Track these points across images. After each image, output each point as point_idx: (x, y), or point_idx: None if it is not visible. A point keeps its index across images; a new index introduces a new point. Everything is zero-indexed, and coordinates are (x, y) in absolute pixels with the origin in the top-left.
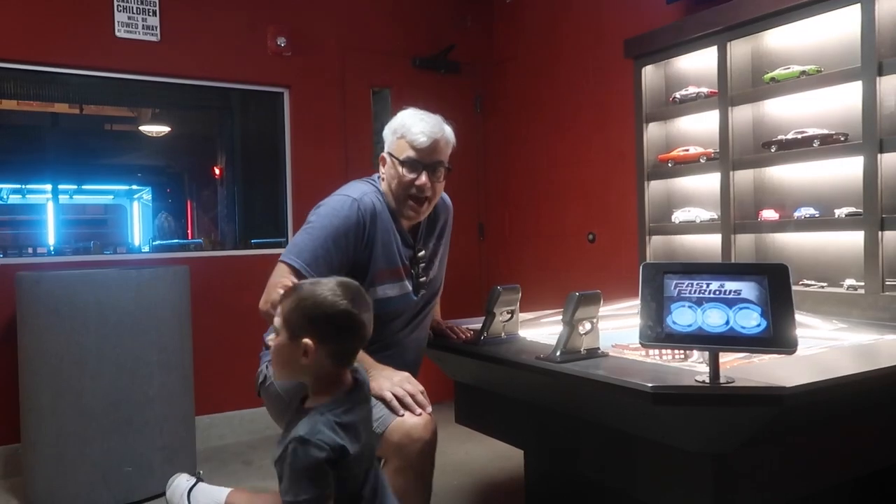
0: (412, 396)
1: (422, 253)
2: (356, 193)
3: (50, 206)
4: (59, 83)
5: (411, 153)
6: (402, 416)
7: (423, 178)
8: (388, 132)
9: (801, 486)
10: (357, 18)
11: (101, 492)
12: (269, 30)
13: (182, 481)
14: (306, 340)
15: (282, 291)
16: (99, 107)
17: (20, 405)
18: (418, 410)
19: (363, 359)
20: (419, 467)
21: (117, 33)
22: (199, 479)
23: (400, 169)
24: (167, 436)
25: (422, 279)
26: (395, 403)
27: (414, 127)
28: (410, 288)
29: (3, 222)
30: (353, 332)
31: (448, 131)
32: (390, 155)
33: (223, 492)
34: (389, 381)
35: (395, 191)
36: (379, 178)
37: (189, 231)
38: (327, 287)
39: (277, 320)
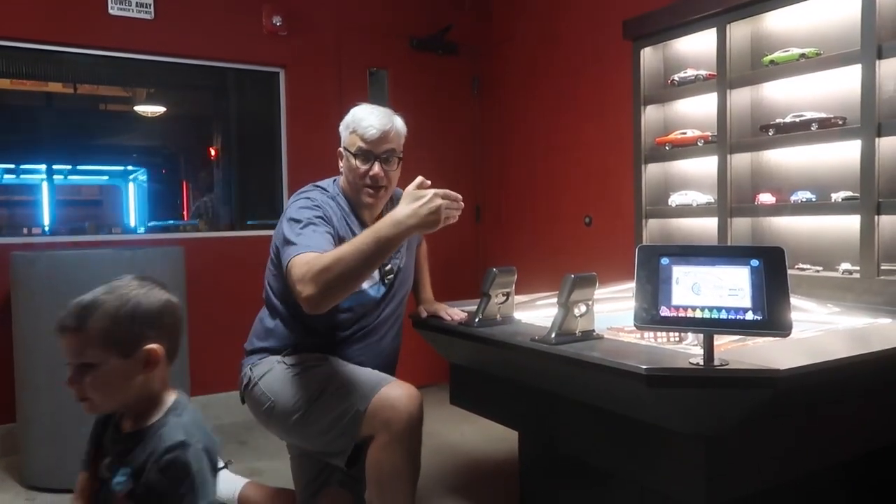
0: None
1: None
2: (316, 197)
3: (45, 187)
4: (52, 61)
5: (362, 145)
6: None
7: (376, 168)
8: (342, 128)
9: (794, 468)
10: None
11: None
12: (265, 8)
13: None
14: (149, 347)
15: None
16: (93, 87)
17: (15, 385)
18: (405, 397)
19: (379, 231)
20: (407, 442)
21: (110, 10)
22: (225, 466)
23: (353, 161)
24: None
25: (386, 267)
26: (449, 211)
27: (363, 121)
28: (378, 278)
29: None
30: (180, 322)
31: (398, 122)
32: (345, 149)
33: (239, 483)
34: (423, 206)
35: (352, 182)
36: (336, 178)
37: (185, 212)
38: (129, 285)
39: (90, 352)
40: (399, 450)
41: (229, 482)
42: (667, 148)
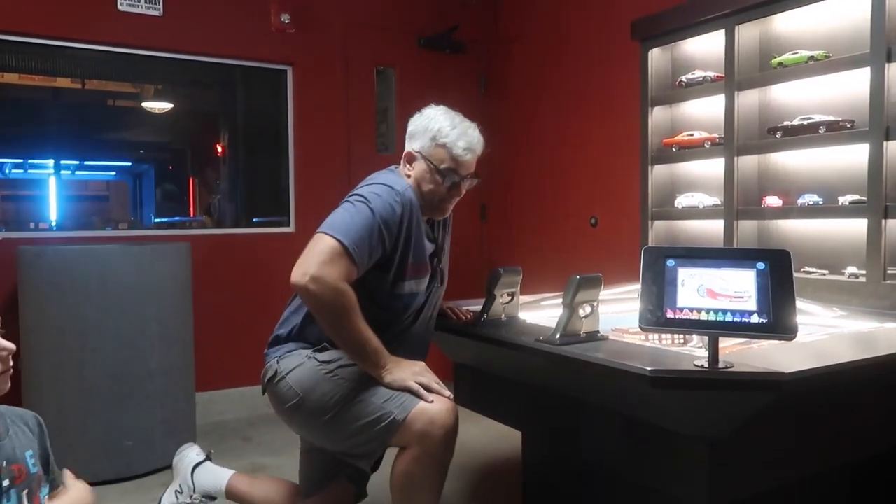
0: (433, 387)
1: (440, 254)
2: (399, 186)
3: (52, 182)
4: (60, 57)
5: (452, 165)
6: (431, 401)
7: (461, 190)
8: (422, 131)
9: (798, 470)
10: None
11: (101, 465)
12: (273, 6)
13: (192, 454)
14: None
15: (329, 267)
16: (101, 82)
17: (21, 379)
18: (446, 392)
19: (379, 351)
20: (441, 458)
21: (119, 7)
22: (208, 457)
23: (437, 177)
24: (168, 410)
25: (439, 271)
26: (423, 392)
27: (458, 140)
28: (430, 282)
29: (5, 197)
30: None
31: (483, 143)
32: (426, 159)
33: (226, 475)
34: (410, 372)
35: (428, 195)
36: (400, 171)
37: (191, 208)
38: None
39: None
40: (432, 464)
41: (213, 474)
42: (674, 149)
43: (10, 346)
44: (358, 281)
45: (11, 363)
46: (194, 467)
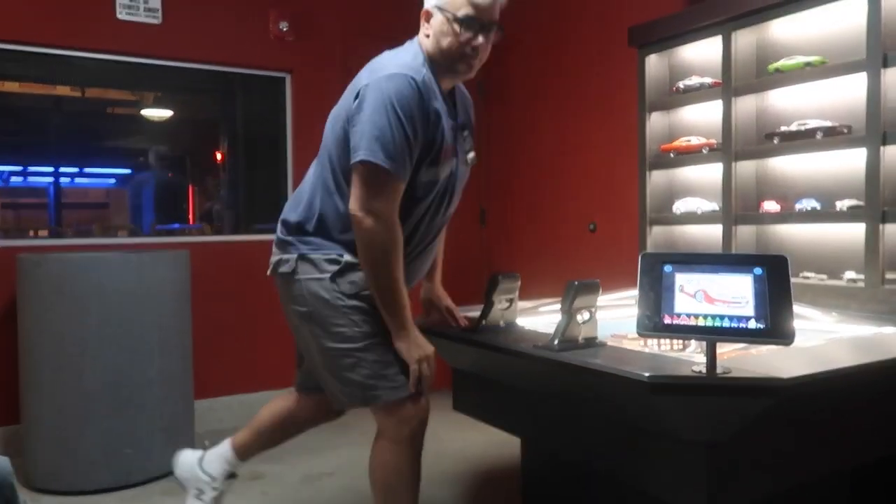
0: (430, 377)
1: (464, 128)
2: (410, 70)
3: (52, 189)
4: (60, 65)
5: (470, 10)
6: (411, 392)
7: (481, 39)
8: None
9: (797, 476)
10: (360, 3)
11: (100, 472)
12: (272, 14)
13: (189, 456)
14: None
15: (384, 200)
16: (101, 90)
17: (20, 386)
18: (423, 397)
19: (405, 311)
20: (417, 446)
21: (118, 15)
22: (205, 450)
23: (455, 26)
24: (167, 417)
25: (469, 154)
26: (415, 378)
27: None
28: (455, 174)
29: (5, 204)
30: None
31: None
32: (441, 10)
33: (226, 445)
34: (420, 352)
35: (447, 49)
36: (419, 37)
37: (190, 216)
38: None
39: None
40: (409, 453)
41: (217, 454)
42: (671, 155)
43: None
44: None
45: None
46: (199, 462)
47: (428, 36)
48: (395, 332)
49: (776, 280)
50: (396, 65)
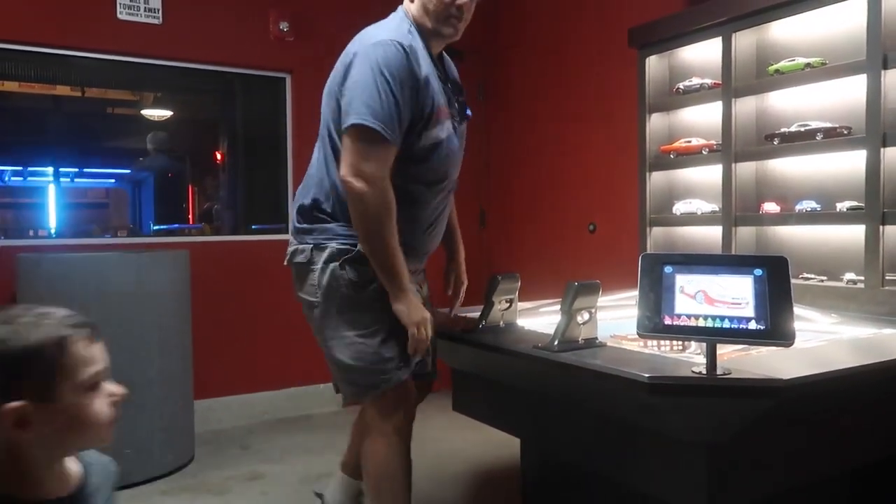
0: (424, 341)
1: (455, 95)
2: (397, 35)
3: (51, 189)
4: (60, 65)
5: None
6: (412, 357)
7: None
8: None
9: (796, 477)
10: (360, 3)
11: None
12: (272, 14)
13: None
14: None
15: (374, 163)
16: (101, 90)
17: None
18: (422, 363)
19: (402, 274)
20: (408, 439)
21: (119, 15)
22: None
23: None
24: (166, 418)
25: (465, 115)
26: (413, 342)
27: None
28: (456, 134)
29: (5, 204)
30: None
31: None
32: None
33: (339, 476)
34: (418, 316)
35: (434, 11)
36: (401, 16)
37: (190, 216)
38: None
39: None
40: (396, 445)
41: (340, 490)
42: (671, 156)
43: (122, 390)
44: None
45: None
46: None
47: (413, 1)
48: (393, 296)
49: (776, 281)
50: (383, 32)
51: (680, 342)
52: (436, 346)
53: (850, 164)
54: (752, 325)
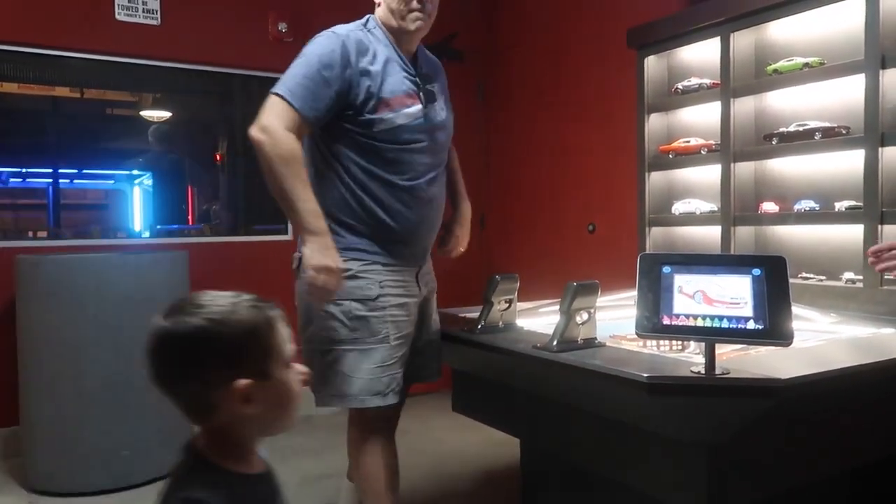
0: (323, 290)
1: (428, 85)
2: (341, 30)
3: (50, 190)
4: (59, 66)
5: None
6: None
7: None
8: None
9: (796, 477)
10: (359, 5)
11: (99, 474)
12: (271, 15)
13: None
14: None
15: (275, 118)
16: (100, 91)
17: (19, 388)
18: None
19: (308, 213)
20: (383, 439)
21: (117, 16)
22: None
23: None
24: (165, 419)
25: (436, 109)
26: (312, 282)
27: None
28: (424, 119)
29: (4, 206)
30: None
31: None
32: None
33: (345, 486)
34: (320, 261)
35: (395, 10)
36: (369, 17)
37: (190, 217)
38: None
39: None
40: (376, 448)
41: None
42: (670, 156)
43: (305, 368)
44: (352, 137)
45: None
46: None
47: (379, 5)
48: (301, 237)
49: (775, 281)
50: (337, 27)
51: (679, 342)
52: (440, 348)
53: (848, 163)
54: (751, 325)
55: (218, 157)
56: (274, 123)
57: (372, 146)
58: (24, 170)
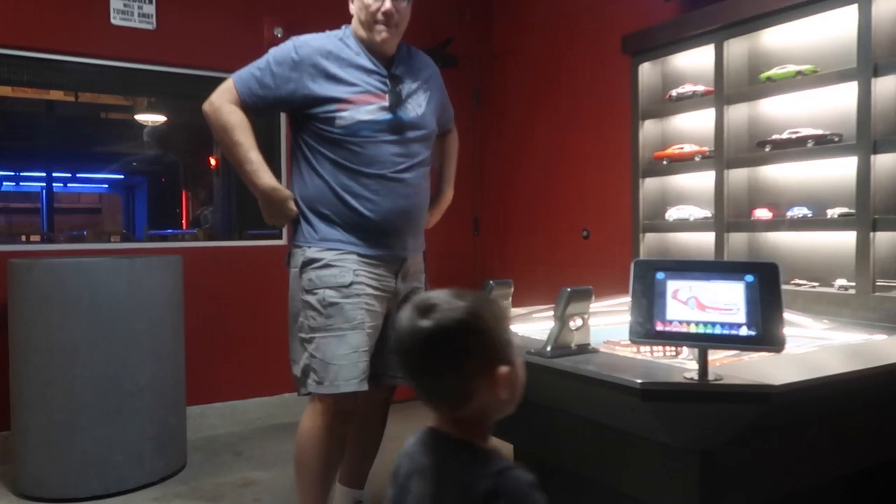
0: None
1: (399, 86)
2: (304, 37)
3: (44, 194)
4: (53, 70)
5: None
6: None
7: (388, 5)
8: None
9: (789, 483)
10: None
11: (90, 481)
12: (266, 20)
13: None
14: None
15: (221, 95)
16: (94, 95)
17: (10, 393)
18: (345, 398)
19: (255, 172)
20: (331, 432)
21: (112, 21)
22: None
23: None
24: (158, 425)
25: (407, 107)
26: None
27: None
28: (391, 115)
29: None
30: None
31: None
32: None
33: (338, 489)
34: (268, 214)
35: (365, 21)
36: (347, 26)
37: (184, 221)
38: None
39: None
40: (322, 437)
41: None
42: (664, 162)
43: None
44: (318, 133)
45: None
46: None
47: (353, 14)
48: (250, 180)
49: (767, 287)
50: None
51: (672, 348)
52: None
53: (840, 170)
54: (744, 331)
55: (213, 162)
56: (221, 98)
57: (338, 140)
58: (17, 173)
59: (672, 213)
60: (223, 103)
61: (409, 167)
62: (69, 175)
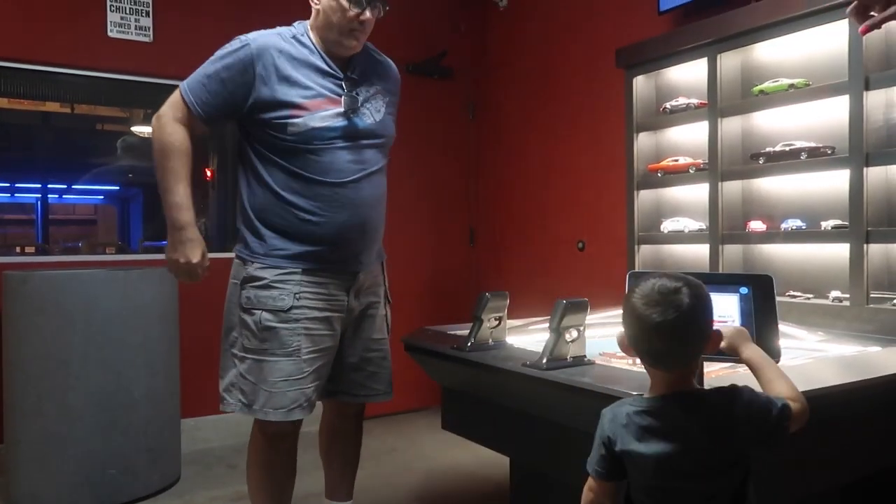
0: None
1: (356, 90)
2: (252, 35)
3: (39, 206)
4: (50, 82)
5: None
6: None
7: (368, 14)
8: None
9: (784, 494)
10: None
11: (84, 494)
12: None
13: None
14: None
15: (169, 109)
16: (91, 106)
17: (4, 405)
18: (280, 420)
19: (177, 207)
20: (270, 452)
21: (109, 33)
22: None
23: (344, 2)
24: (152, 438)
25: (364, 113)
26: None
27: None
28: (346, 121)
29: None
30: None
31: None
32: None
33: None
34: (179, 256)
35: (337, 24)
36: (305, 22)
37: None
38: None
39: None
40: (261, 455)
41: None
42: (659, 175)
43: None
44: (268, 138)
45: None
46: None
47: (318, 13)
48: (168, 234)
49: (762, 299)
50: (253, 32)
51: None
52: (387, 366)
53: (834, 183)
54: None
55: (208, 174)
56: (168, 114)
57: (290, 147)
58: (12, 185)
59: (667, 225)
60: (168, 121)
61: (364, 176)
62: (65, 186)
